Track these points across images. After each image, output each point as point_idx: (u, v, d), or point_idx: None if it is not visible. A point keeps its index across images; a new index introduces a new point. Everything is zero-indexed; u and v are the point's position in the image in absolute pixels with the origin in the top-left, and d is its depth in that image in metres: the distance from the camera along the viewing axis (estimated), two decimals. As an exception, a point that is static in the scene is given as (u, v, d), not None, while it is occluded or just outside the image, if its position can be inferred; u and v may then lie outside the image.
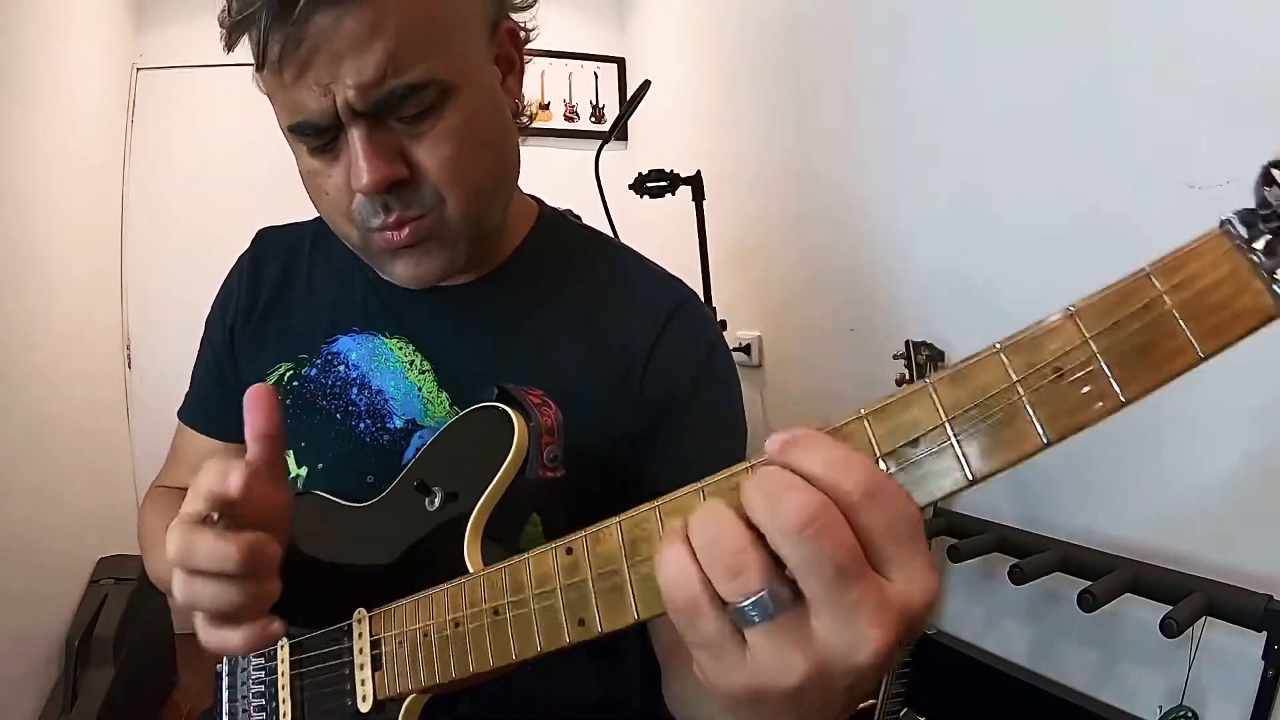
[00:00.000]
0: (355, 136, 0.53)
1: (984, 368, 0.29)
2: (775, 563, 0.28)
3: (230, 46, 0.54)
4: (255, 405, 0.52)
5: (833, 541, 0.27)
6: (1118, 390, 0.27)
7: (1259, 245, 0.26)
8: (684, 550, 0.30)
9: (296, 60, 0.51)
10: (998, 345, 0.29)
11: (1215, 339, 0.26)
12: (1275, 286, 0.25)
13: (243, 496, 0.46)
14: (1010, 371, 0.28)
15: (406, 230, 0.57)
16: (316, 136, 0.54)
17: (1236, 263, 0.26)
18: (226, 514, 0.48)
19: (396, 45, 0.51)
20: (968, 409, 0.29)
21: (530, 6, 0.66)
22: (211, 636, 0.50)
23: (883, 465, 0.30)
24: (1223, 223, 0.27)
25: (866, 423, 0.31)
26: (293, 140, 0.57)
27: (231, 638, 0.49)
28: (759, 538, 0.28)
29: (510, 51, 0.64)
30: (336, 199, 0.58)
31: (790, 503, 0.27)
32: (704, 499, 0.34)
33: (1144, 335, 0.27)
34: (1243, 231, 0.26)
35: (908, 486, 0.29)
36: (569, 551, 0.40)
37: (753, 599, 0.28)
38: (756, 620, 0.28)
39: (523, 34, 0.65)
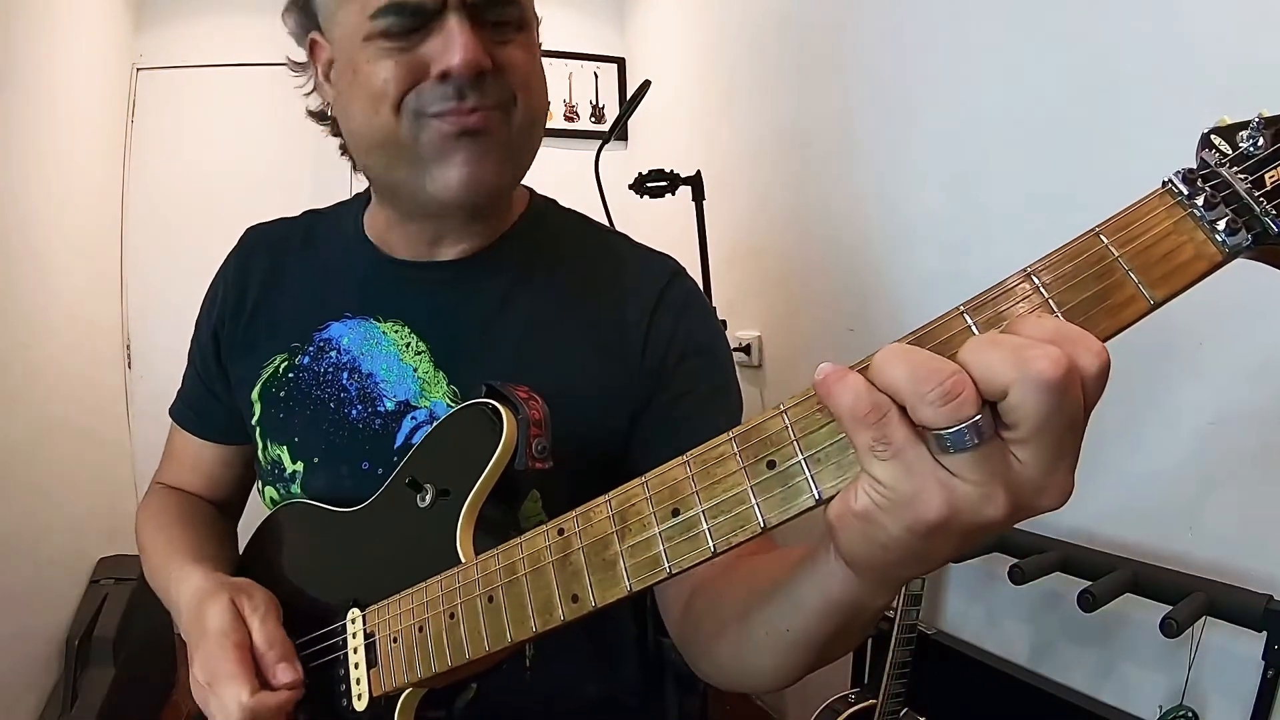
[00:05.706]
0: (455, 21, 0.57)
1: (948, 327, 0.30)
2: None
3: None
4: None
5: (1075, 397, 0.28)
6: None
7: (1199, 201, 0.28)
8: (862, 381, 0.30)
9: None
10: (961, 307, 0.30)
11: (1165, 287, 0.28)
12: (1217, 235, 0.28)
13: None
14: (974, 330, 0.30)
15: (477, 115, 0.59)
16: (410, 17, 0.57)
17: (1179, 217, 0.28)
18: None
19: None
20: None
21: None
22: None
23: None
24: (1165, 182, 0.29)
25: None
26: (367, 27, 0.58)
27: None
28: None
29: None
30: (387, 89, 0.58)
31: (1044, 356, 0.27)
32: (690, 470, 0.35)
33: (1096, 287, 0.29)
34: (1183, 189, 0.29)
35: None
36: (560, 532, 0.40)
37: (966, 424, 0.28)
38: (967, 445, 0.28)
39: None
